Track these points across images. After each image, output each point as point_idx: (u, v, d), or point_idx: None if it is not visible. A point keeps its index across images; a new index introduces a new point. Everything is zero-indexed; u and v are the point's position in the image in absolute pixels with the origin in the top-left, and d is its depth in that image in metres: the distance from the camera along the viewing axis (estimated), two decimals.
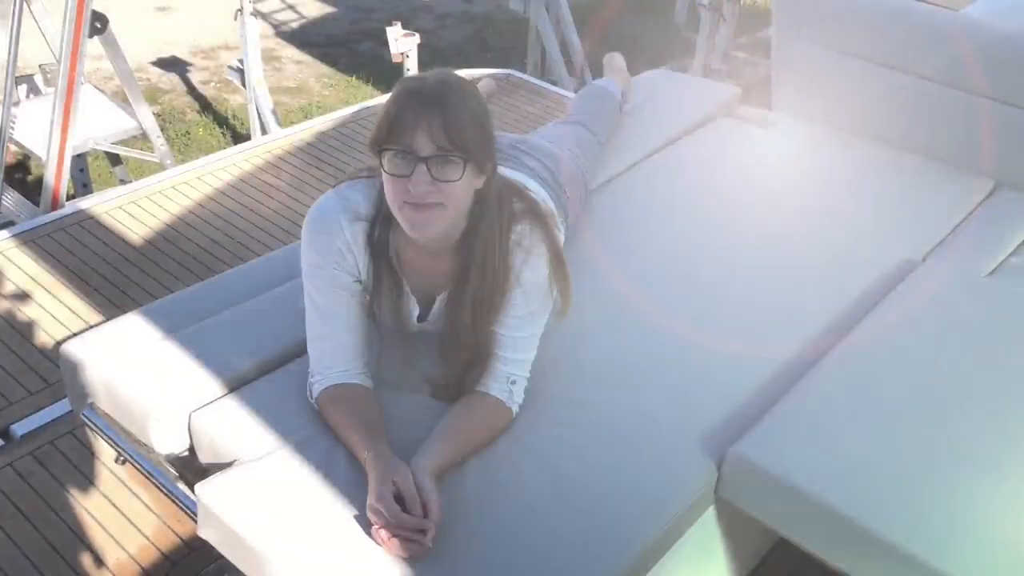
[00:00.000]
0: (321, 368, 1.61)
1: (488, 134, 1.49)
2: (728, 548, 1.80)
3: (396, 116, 1.44)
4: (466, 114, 1.44)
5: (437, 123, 1.41)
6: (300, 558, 1.39)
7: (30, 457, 2.10)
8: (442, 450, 1.51)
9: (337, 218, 1.57)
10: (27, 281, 2.68)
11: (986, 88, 2.55)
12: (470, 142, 1.44)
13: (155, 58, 5.77)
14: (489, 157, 1.50)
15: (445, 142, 1.42)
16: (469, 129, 1.43)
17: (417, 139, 1.42)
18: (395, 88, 1.49)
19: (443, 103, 1.42)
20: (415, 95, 1.43)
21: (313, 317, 1.62)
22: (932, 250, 2.28)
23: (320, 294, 1.60)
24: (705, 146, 2.67)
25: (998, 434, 1.69)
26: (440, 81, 1.45)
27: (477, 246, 1.55)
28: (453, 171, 1.44)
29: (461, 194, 1.48)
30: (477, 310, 1.57)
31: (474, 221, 1.55)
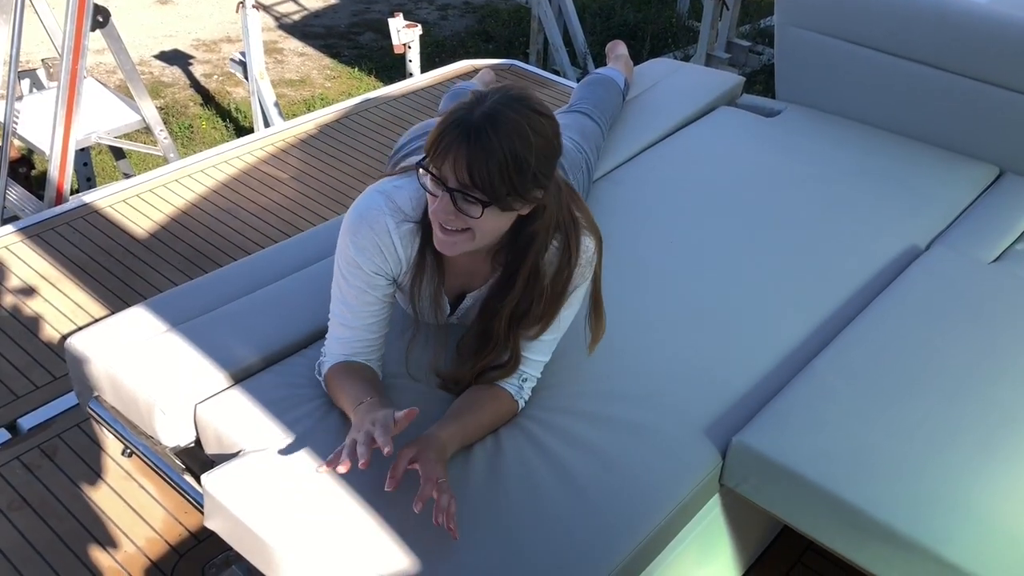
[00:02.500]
0: (335, 352, 1.62)
1: (524, 173, 1.41)
2: (733, 536, 1.80)
3: (436, 139, 1.41)
4: (497, 157, 1.37)
5: (463, 161, 1.37)
6: (307, 547, 1.40)
7: (37, 450, 2.11)
8: (454, 432, 1.52)
9: (383, 221, 1.54)
10: (32, 275, 2.68)
11: (991, 75, 2.54)
12: (493, 186, 1.39)
13: (157, 51, 5.77)
14: (522, 196, 1.43)
15: (468, 181, 1.38)
16: (496, 174, 1.38)
17: (444, 169, 1.40)
18: (454, 105, 1.43)
19: (477, 142, 1.37)
20: (457, 124, 1.39)
21: (339, 306, 1.62)
22: (936, 237, 2.28)
23: (351, 290, 1.59)
24: (708, 135, 2.66)
25: (1002, 421, 1.69)
26: (487, 115, 1.38)
27: (525, 264, 1.53)
28: (473, 209, 1.42)
29: (488, 227, 1.45)
30: (513, 321, 1.57)
31: (522, 236, 1.52)
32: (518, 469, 1.54)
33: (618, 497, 1.53)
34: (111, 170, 4.44)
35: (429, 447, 1.44)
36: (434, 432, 1.50)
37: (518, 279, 1.54)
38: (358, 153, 3.37)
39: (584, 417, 1.66)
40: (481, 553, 1.41)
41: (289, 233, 2.89)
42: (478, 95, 1.43)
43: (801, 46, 2.88)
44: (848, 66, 2.78)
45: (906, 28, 2.64)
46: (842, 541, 1.58)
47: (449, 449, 1.50)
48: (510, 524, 1.46)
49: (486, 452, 1.57)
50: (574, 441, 1.60)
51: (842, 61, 2.79)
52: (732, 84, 2.93)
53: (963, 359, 1.83)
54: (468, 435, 1.56)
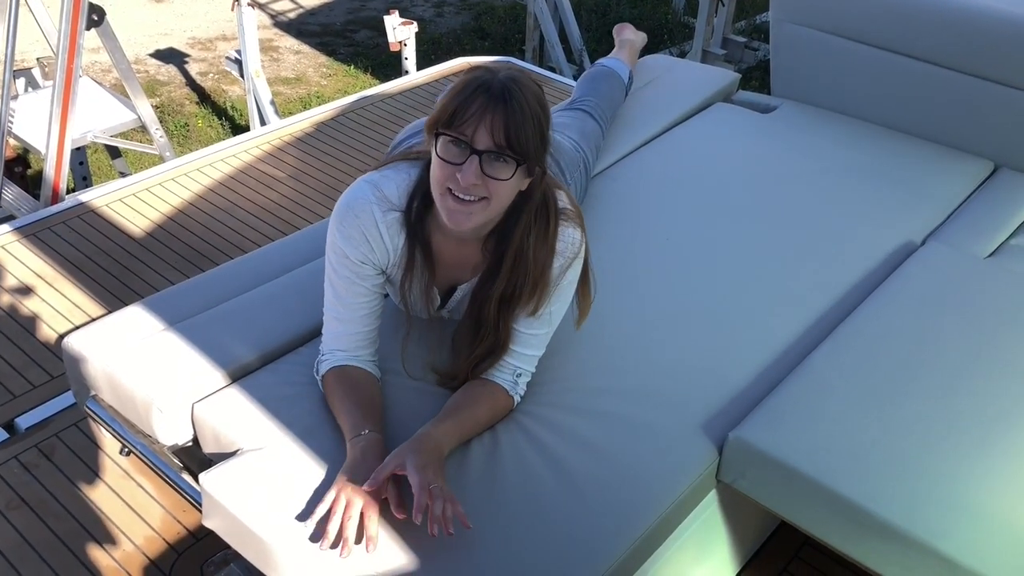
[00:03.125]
0: (332, 348, 1.63)
1: (545, 138, 1.49)
2: (730, 531, 1.80)
3: (461, 104, 1.43)
4: (529, 116, 1.43)
5: (500, 120, 1.41)
6: (305, 545, 1.40)
7: (35, 450, 2.11)
8: (450, 428, 1.53)
9: (370, 210, 1.56)
10: (28, 275, 2.68)
11: (986, 70, 2.54)
12: (528, 145, 1.43)
13: (153, 50, 5.76)
14: (541, 161, 1.50)
15: (503, 141, 1.42)
16: (529, 132, 1.43)
17: (478, 132, 1.42)
18: (464, 75, 1.48)
19: (509, 101, 1.42)
20: (484, 88, 1.43)
21: (331, 300, 1.63)
22: (932, 232, 2.28)
23: (341, 281, 1.61)
24: (704, 131, 2.67)
25: (998, 416, 1.70)
26: (510, 78, 1.44)
27: (512, 243, 1.55)
28: (504, 170, 1.44)
29: (506, 193, 1.48)
30: (503, 306, 1.58)
31: (510, 220, 1.55)
32: (515, 465, 1.55)
33: (615, 493, 1.53)
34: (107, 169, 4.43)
35: (417, 452, 1.43)
36: (428, 430, 1.50)
37: (505, 261, 1.56)
38: (354, 151, 3.37)
39: (581, 413, 1.66)
40: (478, 549, 1.41)
41: (286, 231, 2.89)
42: (484, 67, 1.49)
43: (796, 42, 2.88)
44: (843, 62, 2.79)
45: (902, 24, 2.64)
46: (839, 536, 1.58)
47: (445, 446, 1.50)
48: (507, 520, 1.46)
49: (483, 448, 1.57)
50: (571, 437, 1.61)
51: (837, 57, 2.79)
52: (728, 80, 2.94)
53: (959, 354, 1.84)
54: (465, 432, 1.56)
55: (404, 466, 1.41)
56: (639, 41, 2.94)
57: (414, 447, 1.45)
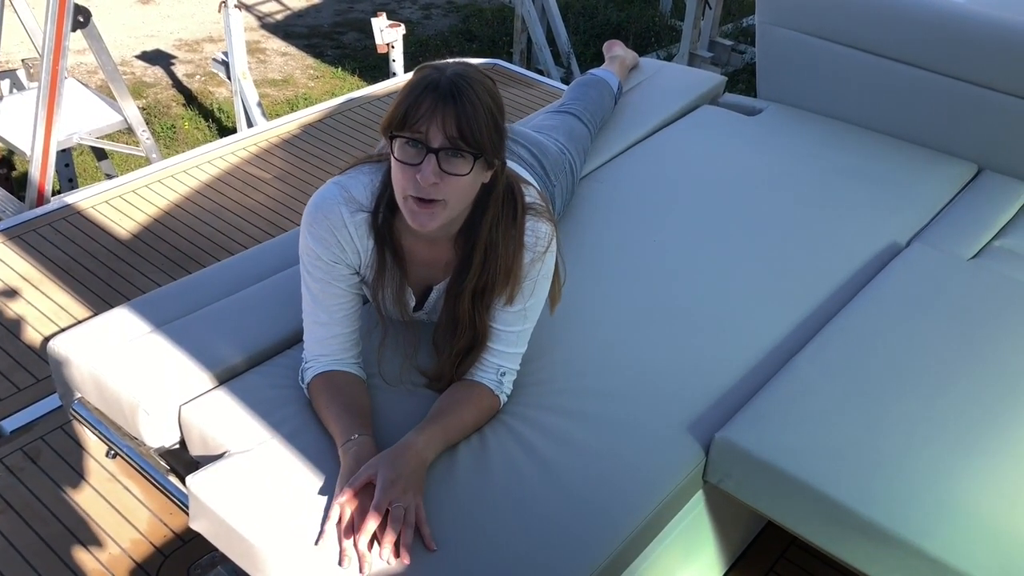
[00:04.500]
0: (315, 354, 1.62)
1: (500, 130, 1.49)
2: (717, 532, 1.81)
3: (411, 105, 1.43)
4: (480, 109, 1.44)
5: (451, 116, 1.42)
6: (292, 548, 1.40)
7: (20, 453, 2.10)
8: (434, 433, 1.52)
9: (338, 210, 1.56)
10: (13, 277, 2.67)
11: (969, 73, 2.56)
12: (482, 138, 1.44)
13: (139, 51, 5.74)
14: (498, 153, 1.50)
15: (457, 136, 1.42)
16: (482, 125, 1.44)
17: (431, 130, 1.42)
18: (413, 75, 1.48)
19: (459, 97, 1.42)
20: (433, 86, 1.43)
21: (309, 304, 1.63)
22: (916, 234, 2.30)
23: (317, 283, 1.61)
24: (690, 134, 2.68)
25: (983, 416, 1.71)
26: (458, 74, 1.44)
27: (480, 238, 1.55)
28: (462, 165, 1.45)
29: (466, 189, 1.48)
30: (477, 300, 1.59)
31: (477, 213, 1.56)
32: (502, 466, 1.55)
33: (602, 494, 1.53)
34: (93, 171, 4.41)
35: (390, 465, 1.42)
36: (412, 438, 1.49)
37: (475, 255, 1.56)
38: (341, 153, 3.37)
39: (567, 414, 1.66)
40: (465, 550, 1.41)
41: (273, 233, 2.88)
42: (432, 66, 1.49)
43: (782, 45, 2.90)
44: (829, 65, 2.80)
45: (886, 27, 2.66)
46: (825, 536, 1.59)
47: (428, 454, 1.50)
48: (494, 522, 1.46)
49: (470, 450, 1.57)
50: (558, 438, 1.61)
51: (823, 60, 2.81)
52: (714, 83, 2.95)
53: (943, 355, 1.85)
54: (450, 436, 1.56)
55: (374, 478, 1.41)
56: (629, 58, 2.96)
57: (390, 459, 1.44)
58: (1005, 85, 2.51)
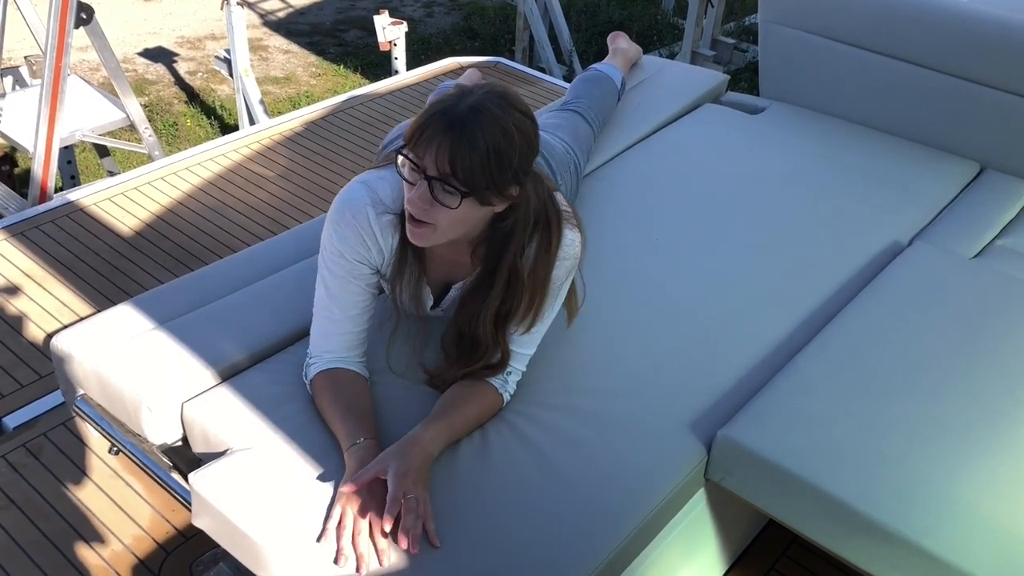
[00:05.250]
0: (320, 350, 1.62)
1: (503, 169, 1.43)
2: (718, 530, 1.81)
3: (419, 128, 1.42)
4: (481, 148, 1.39)
5: (446, 151, 1.39)
6: (294, 545, 1.40)
7: (23, 449, 2.10)
8: (440, 430, 1.53)
9: (365, 211, 1.56)
10: (16, 274, 2.67)
11: (972, 72, 2.56)
12: (474, 178, 1.41)
13: (141, 49, 5.74)
14: (499, 191, 1.45)
15: (448, 171, 1.40)
16: (475, 165, 1.39)
17: (426, 158, 1.41)
18: (436, 97, 1.46)
19: (462, 133, 1.38)
20: (442, 114, 1.40)
21: (323, 299, 1.63)
22: (918, 233, 2.30)
23: (335, 280, 1.60)
24: (693, 132, 2.68)
25: (984, 415, 1.71)
26: (473, 108, 1.39)
27: (503, 263, 1.54)
28: (451, 199, 1.43)
29: (458, 218, 1.46)
30: (499, 321, 1.59)
31: (500, 232, 1.54)
32: (504, 464, 1.55)
33: (604, 492, 1.54)
34: (95, 168, 4.41)
35: (401, 458, 1.43)
36: (418, 433, 1.50)
37: (497, 279, 1.55)
38: (344, 151, 3.37)
39: (569, 412, 1.66)
40: (467, 548, 1.42)
41: (275, 231, 2.88)
42: (462, 89, 1.45)
43: (785, 44, 2.90)
44: (831, 63, 2.80)
45: (889, 26, 2.66)
46: (826, 534, 1.60)
47: (433, 449, 1.50)
48: (496, 519, 1.47)
49: (472, 447, 1.58)
50: (560, 436, 1.61)
51: (826, 59, 2.81)
52: (717, 82, 2.95)
53: (944, 354, 1.85)
54: (455, 432, 1.57)
55: (386, 471, 1.42)
56: (633, 52, 2.94)
57: (399, 452, 1.45)
58: (1008, 84, 2.51)
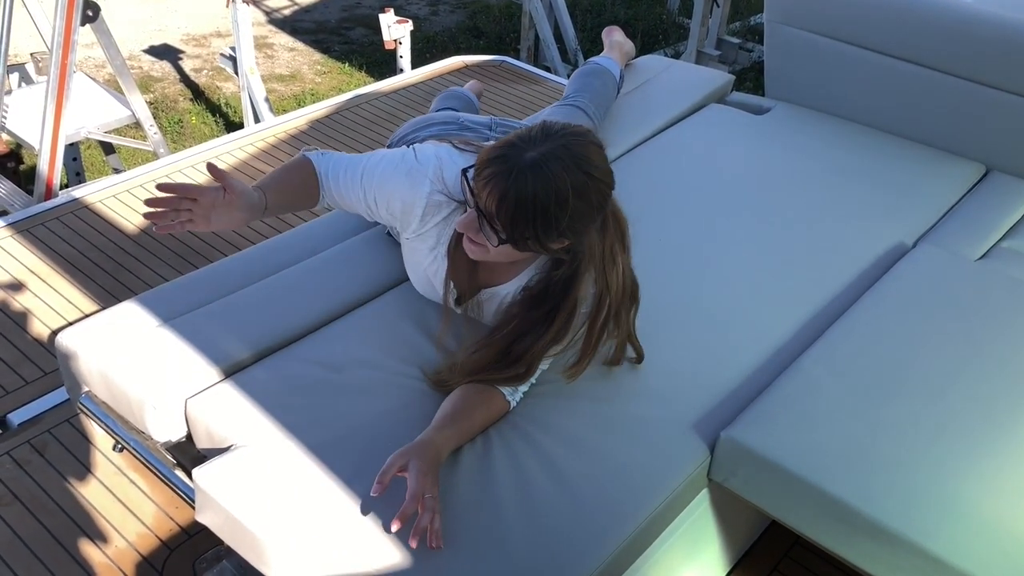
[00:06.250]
0: (331, 167, 1.70)
1: (548, 228, 1.44)
2: (721, 530, 1.81)
3: (485, 163, 1.44)
4: (527, 205, 1.40)
5: (495, 195, 1.42)
6: (298, 541, 1.40)
7: (27, 446, 2.11)
8: (450, 436, 1.53)
9: (424, 182, 1.62)
10: (21, 271, 2.68)
11: (978, 73, 2.56)
12: (515, 229, 1.44)
13: (147, 46, 5.75)
14: (542, 245, 1.48)
15: (493, 214, 1.44)
16: (520, 220, 1.42)
17: (481, 192, 1.45)
18: (515, 133, 1.47)
19: (515, 183, 1.40)
20: (505, 159, 1.42)
21: (360, 163, 1.70)
22: (923, 234, 2.30)
23: (356, 193, 1.68)
24: (698, 132, 2.68)
25: (988, 417, 1.71)
26: (535, 163, 1.40)
27: (566, 306, 1.56)
28: (492, 238, 1.48)
29: (504, 251, 1.51)
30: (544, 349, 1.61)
31: (560, 276, 1.56)
32: (506, 464, 1.55)
33: (607, 491, 1.54)
34: (101, 165, 4.42)
35: (422, 456, 1.44)
36: (430, 436, 1.50)
37: (556, 320, 1.57)
38: (348, 149, 3.37)
39: (573, 412, 1.67)
40: (469, 547, 1.42)
41: (279, 229, 2.89)
42: (545, 129, 1.45)
43: (790, 44, 2.89)
44: (837, 64, 2.80)
45: (896, 28, 2.66)
46: (829, 536, 1.59)
47: (444, 453, 1.51)
48: (498, 519, 1.47)
49: (475, 447, 1.58)
50: (563, 436, 1.61)
51: (831, 59, 2.81)
52: (722, 82, 2.95)
53: (949, 356, 1.85)
54: (463, 437, 1.57)
55: (407, 467, 1.42)
56: (628, 46, 2.95)
57: (419, 451, 1.45)
58: (1014, 86, 2.51)
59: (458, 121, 2.13)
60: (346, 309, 1.88)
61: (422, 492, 1.39)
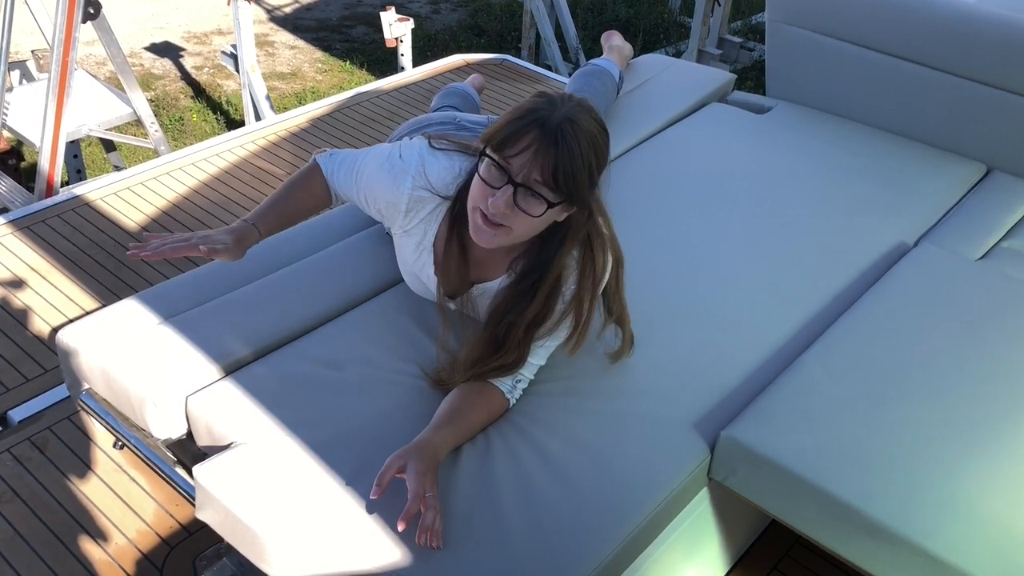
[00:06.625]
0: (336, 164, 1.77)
1: (593, 181, 1.49)
2: (721, 529, 1.81)
3: (514, 132, 1.43)
4: (579, 161, 1.43)
5: (549, 161, 1.42)
6: (298, 538, 1.40)
7: (28, 443, 2.11)
8: (448, 435, 1.53)
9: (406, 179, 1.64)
10: (22, 268, 2.68)
11: (979, 73, 2.56)
12: (572, 189, 1.44)
13: (148, 43, 5.74)
14: (578, 203, 1.50)
15: (542, 180, 1.43)
16: (572, 178, 1.43)
17: (521, 165, 1.43)
18: (526, 103, 1.47)
19: (564, 144, 1.41)
20: (540, 123, 1.42)
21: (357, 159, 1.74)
22: (924, 234, 2.30)
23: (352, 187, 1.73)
24: (699, 131, 2.67)
25: (988, 417, 1.71)
26: (568, 118, 1.43)
27: (548, 276, 1.56)
28: (536, 207, 1.46)
29: (534, 224, 1.50)
30: (529, 329, 1.60)
31: (547, 247, 1.56)
32: (507, 462, 1.55)
33: (607, 490, 1.54)
34: (102, 162, 4.42)
35: (419, 457, 1.44)
36: (428, 437, 1.50)
37: (539, 293, 1.57)
38: (349, 147, 3.36)
39: (573, 410, 1.67)
40: (470, 545, 1.42)
41: None
42: (548, 97, 1.48)
43: (792, 43, 2.89)
44: (838, 64, 2.80)
45: (897, 27, 2.65)
46: (829, 535, 1.59)
47: (442, 453, 1.51)
48: (498, 517, 1.47)
49: (475, 446, 1.58)
50: (563, 434, 1.61)
51: (833, 58, 2.80)
52: (723, 81, 2.94)
53: (949, 355, 1.85)
54: (461, 437, 1.57)
55: (405, 468, 1.42)
56: (627, 49, 2.97)
57: (416, 452, 1.45)
58: (1016, 86, 2.51)
59: (455, 121, 2.13)
60: (347, 307, 1.88)
61: (423, 491, 1.40)
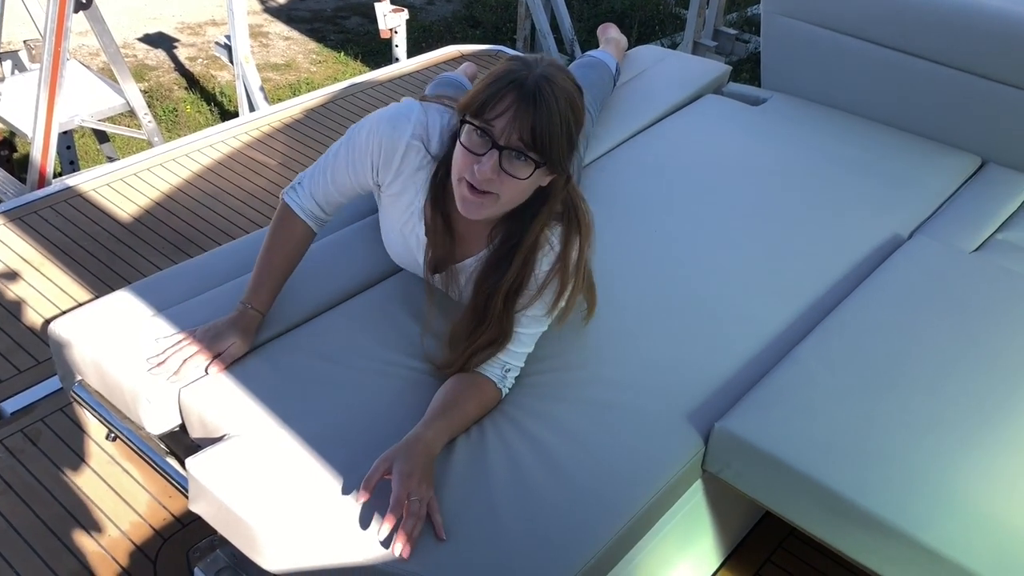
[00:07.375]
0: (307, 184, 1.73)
1: (572, 141, 1.48)
2: (715, 521, 1.82)
3: (491, 96, 1.43)
4: (558, 119, 1.42)
5: (528, 121, 1.41)
6: (291, 530, 1.40)
7: (20, 434, 2.10)
8: (441, 428, 1.53)
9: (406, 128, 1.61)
10: (15, 259, 2.67)
11: (975, 65, 2.55)
12: (551, 147, 1.44)
13: (141, 34, 5.72)
14: (563, 164, 1.49)
15: (528, 141, 1.42)
16: (555, 137, 1.43)
17: (504, 128, 1.42)
18: (500, 68, 1.47)
19: (539, 102, 1.41)
20: (517, 84, 1.42)
21: (329, 161, 1.71)
22: (919, 226, 2.30)
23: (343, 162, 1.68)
24: (694, 123, 2.67)
25: (983, 409, 1.71)
26: (544, 77, 1.43)
27: (525, 242, 1.56)
28: (523, 169, 1.45)
29: (521, 189, 1.49)
30: (509, 296, 1.59)
31: (524, 214, 1.56)
32: (501, 454, 1.55)
33: (601, 482, 1.54)
34: (95, 153, 4.40)
35: (406, 458, 1.43)
36: (419, 432, 1.50)
37: (516, 257, 1.56)
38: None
39: (567, 403, 1.66)
40: (462, 537, 1.42)
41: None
42: (522, 60, 1.48)
43: (787, 35, 2.89)
44: (833, 55, 2.79)
45: (892, 19, 2.65)
46: (823, 527, 1.60)
47: (436, 447, 1.50)
48: (491, 509, 1.46)
49: (469, 437, 1.58)
50: (557, 427, 1.61)
51: (828, 50, 2.80)
52: (718, 72, 2.94)
53: (944, 347, 1.85)
54: (455, 429, 1.57)
55: (391, 470, 1.42)
56: (623, 42, 2.97)
57: (404, 452, 1.45)
58: (1010, 77, 2.51)
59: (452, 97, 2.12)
60: (340, 299, 1.87)
61: (405, 496, 1.39)
